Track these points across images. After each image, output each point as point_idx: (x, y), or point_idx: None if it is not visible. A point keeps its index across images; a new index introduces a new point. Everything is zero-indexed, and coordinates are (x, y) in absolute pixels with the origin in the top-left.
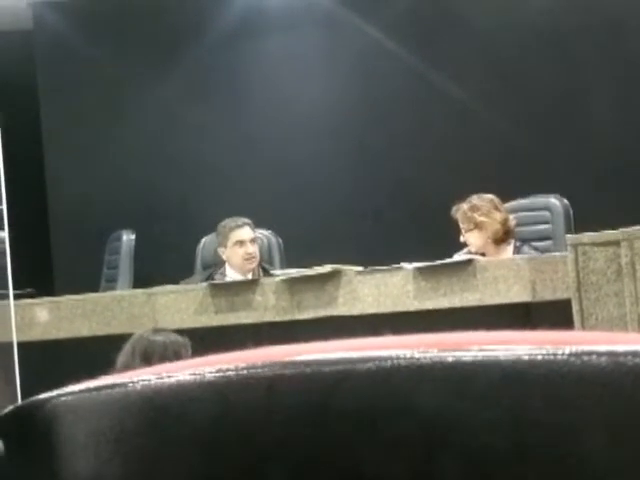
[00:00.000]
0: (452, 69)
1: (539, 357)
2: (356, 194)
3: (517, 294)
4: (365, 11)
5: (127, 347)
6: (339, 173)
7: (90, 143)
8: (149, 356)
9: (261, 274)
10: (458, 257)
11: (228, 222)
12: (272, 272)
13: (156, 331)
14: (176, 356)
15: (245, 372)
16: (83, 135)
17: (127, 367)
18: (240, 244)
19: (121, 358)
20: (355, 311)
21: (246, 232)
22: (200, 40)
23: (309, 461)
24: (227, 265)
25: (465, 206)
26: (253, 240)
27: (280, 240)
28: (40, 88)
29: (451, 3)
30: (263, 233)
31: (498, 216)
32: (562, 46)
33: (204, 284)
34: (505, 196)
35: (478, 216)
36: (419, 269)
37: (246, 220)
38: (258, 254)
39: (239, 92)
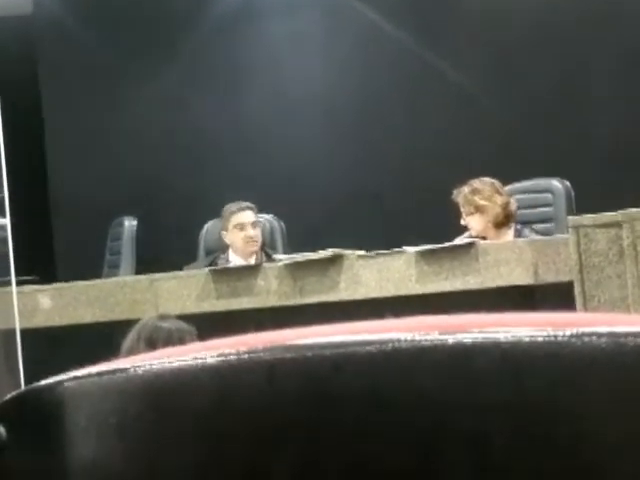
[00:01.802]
0: (452, 52)
1: (540, 339)
2: (357, 178)
3: (519, 277)
4: None
5: (132, 333)
6: (340, 157)
7: (91, 128)
8: (154, 342)
9: (264, 259)
10: (459, 241)
11: (230, 206)
12: (274, 257)
13: (162, 317)
14: (181, 343)
15: (246, 356)
16: (84, 120)
17: (132, 352)
18: (241, 227)
19: (126, 343)
20: (357, 295)
21: (247, 215)
22: (200, 25)
23: (310, 444)
24: (230, 250)
25: (466, 189)
26: (254, 224)
27: (283, 224)
28: (40, 73)
29: None
30: (265, 217)
31: (499, 200)
32: (562, 29)
33: (206, 270)
34: (506, 179)
35: (479, 200)
36: (421, 253)
37: (249, 204)
38: (260, 238)
39: (239, 76)
